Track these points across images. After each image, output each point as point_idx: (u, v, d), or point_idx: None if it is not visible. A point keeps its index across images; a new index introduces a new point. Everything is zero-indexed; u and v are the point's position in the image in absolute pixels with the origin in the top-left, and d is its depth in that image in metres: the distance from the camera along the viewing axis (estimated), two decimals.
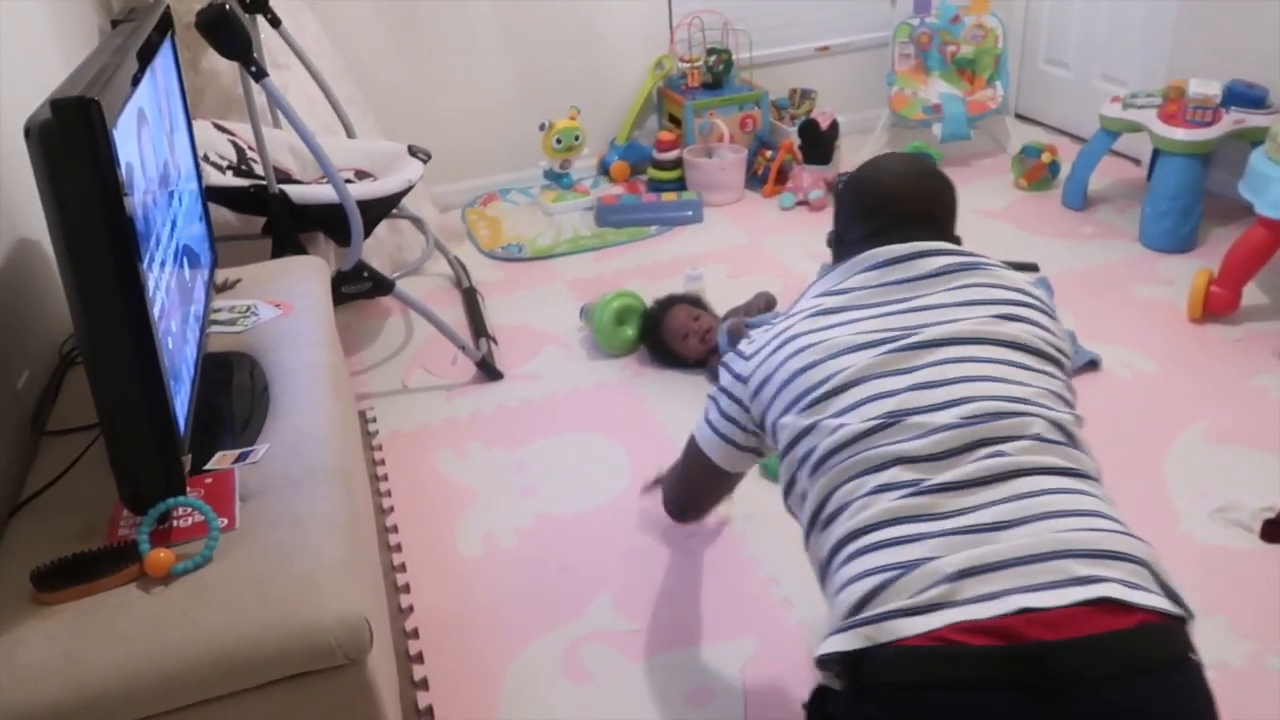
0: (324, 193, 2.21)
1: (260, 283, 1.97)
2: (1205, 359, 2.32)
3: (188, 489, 1.25)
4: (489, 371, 2.43)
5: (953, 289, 1.28)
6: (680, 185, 3.48)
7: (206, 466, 1.38)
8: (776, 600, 1.71)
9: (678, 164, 3.48)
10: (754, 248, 3.08)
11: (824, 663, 1.06)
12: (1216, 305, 2.44)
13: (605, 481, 2.04)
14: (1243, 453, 2.00)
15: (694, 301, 2.52)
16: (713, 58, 3.59)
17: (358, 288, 2.24)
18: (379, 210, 2.36)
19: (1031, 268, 2.78)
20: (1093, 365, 2.31)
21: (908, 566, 1.04)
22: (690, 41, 3.64)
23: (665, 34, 3.66)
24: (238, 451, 1.43)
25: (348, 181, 2.49)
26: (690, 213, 3.28)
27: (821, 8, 3.80)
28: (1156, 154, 2.96)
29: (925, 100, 3.57)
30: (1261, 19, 2.89)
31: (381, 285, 2.27)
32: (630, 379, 2.42)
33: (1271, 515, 1.80)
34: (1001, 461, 1.12)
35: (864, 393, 1.20)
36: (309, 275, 2.02)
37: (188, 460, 1.29)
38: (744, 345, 1.38)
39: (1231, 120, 2.77)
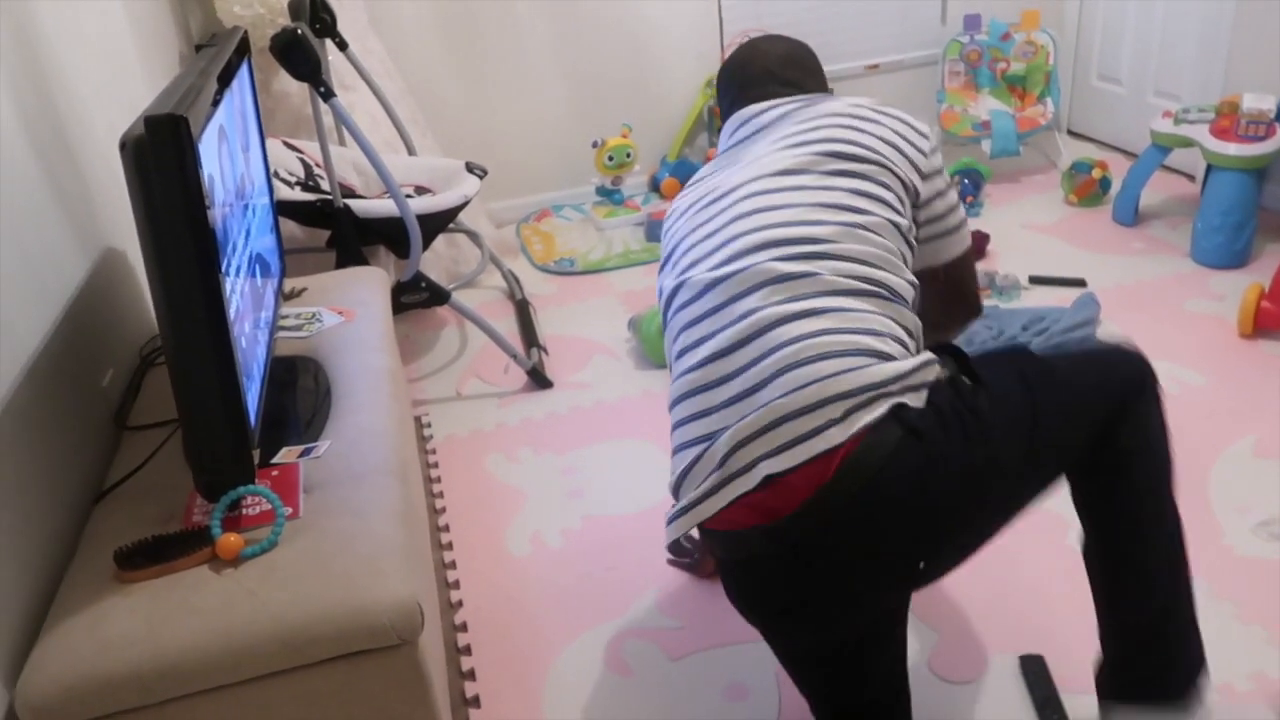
0: (385, 207, 2.32)
1: (325, 292, 2.08)
2: (1255, 374, 2.31)
3: (257, 480, 1.34)
4: (540, 380, 2.51)
5: (782, 135, 1.33)
6: None
7: (274, 460, 1.47)
8: None
9: None
10: None
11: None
12: (1268, 320, 2.43)
13: (650, 486, 2.10)
14: None
15: None
16: None
17: (416, 298, 2.34)
18: (437, 224, 2.47)
19: (1079, 283, 2.80)
20: None
21: (700, 442, 1.17)
22: None
23: (716, 52, 3.73)
24: (302, 447, 1.52)
25: (408, 197, 2.60)
26: None
27: (871, 25, 3.84)
28: (1209, 169, 2.94)
29: (975, 117, 3.59)
30: None
31: (438, 296, 2.37)
32: None
33: None
34: (753, 319, 1.17)
35: (676, 256, 1.31)
36: (370, 285, 2.12)
37: (257, 454, 1.38)
38: None
39: None
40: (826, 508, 1.08)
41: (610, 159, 3.42)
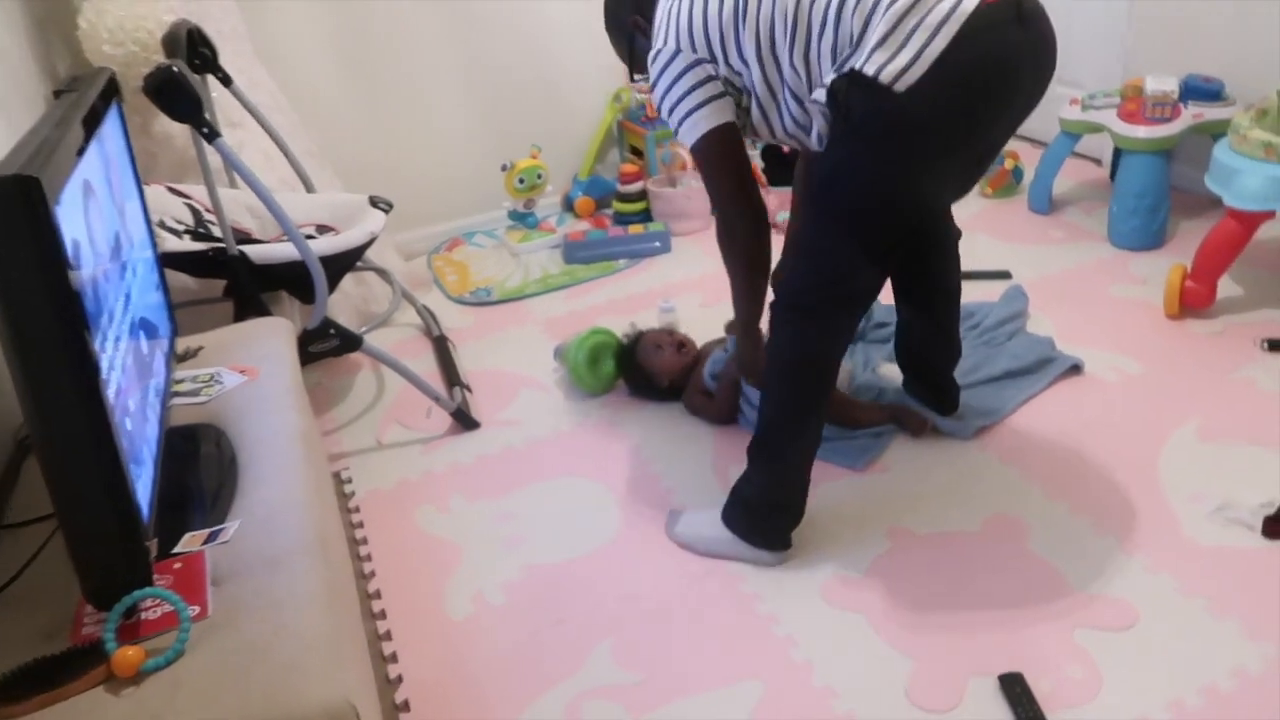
0: (285, 251, 2.15)
1: (223, 349, 1.91)
2: (1188, 356, 2.31)
3: (155, 577, 1.18)
4: (466, 421, 2.37)
5: None
6: (646, 216, 3.45)
7: (175, 550, 1.31)
8: (779, 639, 1.66)
9: (642, 195, 3.46)
10: (724, 276, 3.03)
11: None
12: (1193, 300, 2.44)
13: (593, 526, 1.99)
14: (1235, 449, 1.98)
15: (669, 333, 2.48)
16: None
17: (325, 346, 2.18)
18: (343, 264, 2.31)
19: (1004, 275, 2.78)
20: (1076, 370, 2.29)
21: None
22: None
23: (621, 66, 3.63)
24: (207, 531, 1.36)
25: (309, 237, 2.44)
26: (658, 244, 3.25)
27: None
28: (1119, 153, 2.97)
29: None
30: (1213, 13, 2.92)
31: (349, 341, 2.21)
32: (611, 417, 2.37)
33: (1271, 511, 1.77)
34: None
35: None
36: (273, 337, 1.96)
37: (153, 546, 1.23)
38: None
39: (1190, 115, 2.79)
40: (1021, 3, 1.55)
41: (521, 181, 3.30)
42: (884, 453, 2.09)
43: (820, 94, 1.61)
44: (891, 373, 2.31)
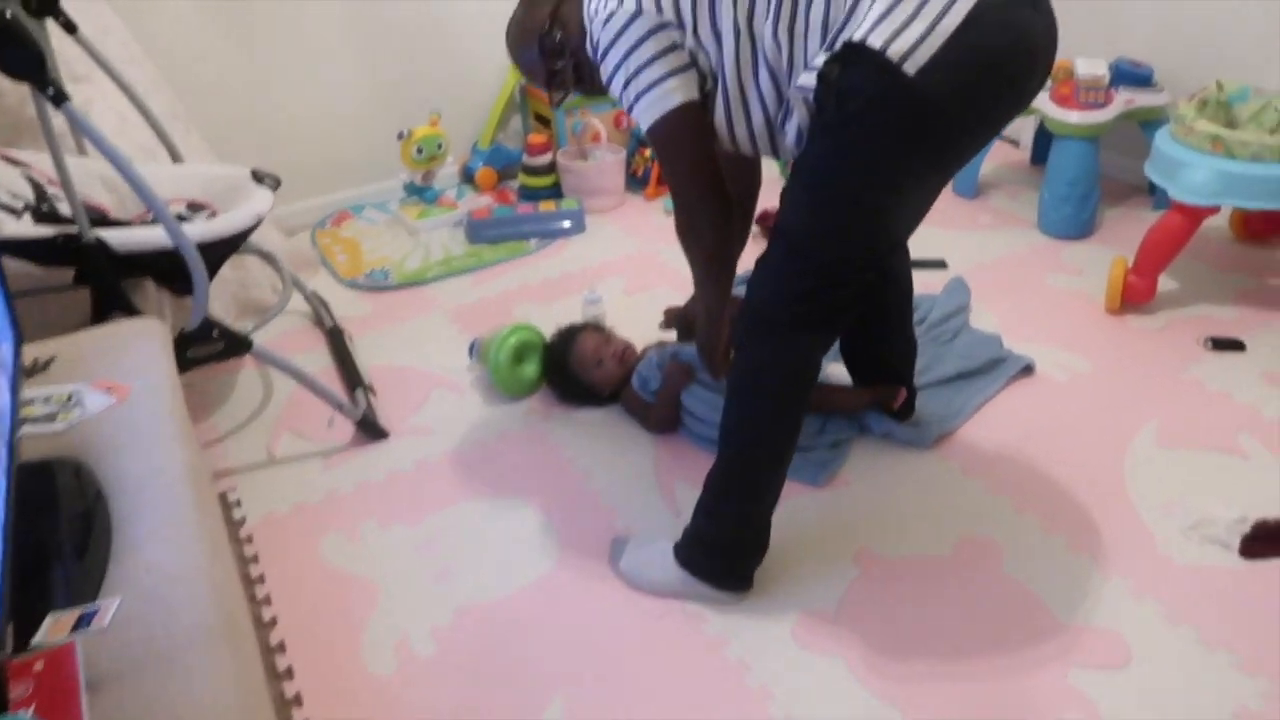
0: (153, 236, 1.81)
1: (82, 360, 1.57)
2: (1134, 354, 2.25)
3: (10, 687, 0.90)
4: (372, 430, 2.09)
5: None
6: (556, 192, 3.19)
7: (35, 641, 1.02)
8: (753, 692, 1.48)
9: (551, 168, 3.19)
10: (646, 257, 2.83)
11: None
12: (1134, 295, 2.38)
13: (529, 556, 1.76)
14: (1197, 455, 1.92)
15: (597, 329, 2.26)
16: None
17: (208, 350, 1.85)
18: (223, 252, 1.98)
19: (939, 264, 2.67)
20: (1028, 370, 2.19)
21: None
22: None
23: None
24: (77, 612, 1.07)
25: (179, 218, 2.09)
26: (570, 223, 3.01)
27: None
28: (1048, 137, 2.90)
29: None
30: None
31: (237, 344, 1.89)
32: (538, 424, 2.13)
33: (1245, 529, 1.70)
34: None
35: None
36: (144, 343, 1.63)
37: (8, 637, 0.95)
38: None
39: (1123, 100, 2.73)
40: None
41: (419, 151, 2.98)
42: (844, 465, 1.94)
43: (809, 78, 1.38)
44: (839, 374, 2.15)
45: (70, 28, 2.07)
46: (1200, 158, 2.23)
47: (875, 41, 1.28)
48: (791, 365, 1.51)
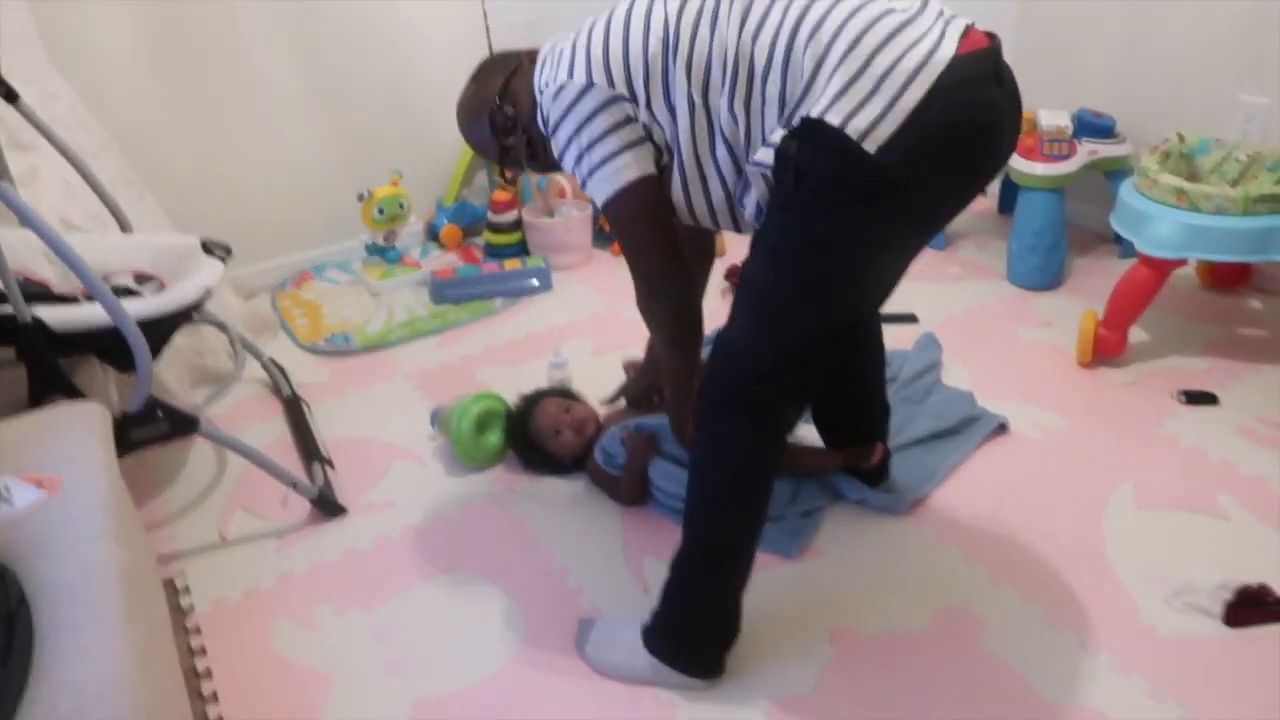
0: (93, 314, 1.74)
1: (13, 449, 1.49)
2: (1108, 409, 2.21)
3: None
4: (329, 507, 2.01)
5: None
6: (522, 249, 3.15)
7: None
8: None
9: (516, 226, 3.15)
10: (614, 315, 2.79)
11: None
12: (1105, 348, 2.35)
13: (492, 639, 1.68)
14: (1175, 517, 1.87)
15: (563, 394, 2.20)
16: None
17: (151, 432, 1.78)
18: (169, 327, 1.91)
19: (910, 319, 2.64)
20: (1002, 429, 2.15)
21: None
22: None
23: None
24: None
25: (126, 290, 2.02)
26: (537, 281, 2.96)
27: None
28: (1014, 187, 2.89)
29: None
30: (1099, 46, 2.88)
31: (182, 424, 1.81)
32: (501, 495, 2.06)
33: (1229, 595, 1.66)
34: None
35: None
36: (81, 429, 1.55)
37: None
38: None
39: (1086, 151, 2.73)
40: (999, 58, 1.35)
41: (380, 212, 2.93)
42: (817, 534, 1.88)
43: (766, 154, 1.33)
44: (810, 436, 2.10)
45: (10, 96, 2.02)
46: (1165, 211, 2.22)
47: (833, 119, 1.24)
48: (754, 445, 1.45)
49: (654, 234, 1.50)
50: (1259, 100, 2.53)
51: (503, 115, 1.58)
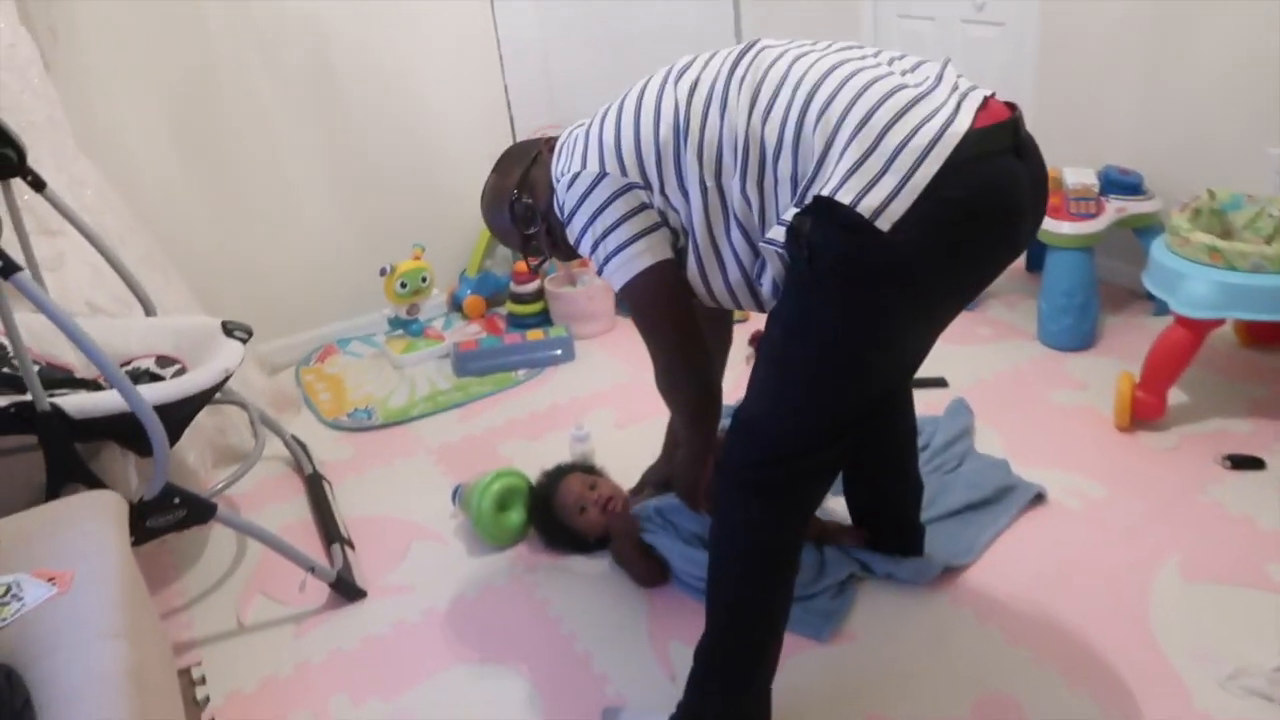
0: (112, 400, 1.73)
1: (27, 542, 1.48)
2: (1149, 476, 2.13)
3: None
4: (348, 590, 1.97)
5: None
6: (544, 319, 3.14)
7: None
8: None
9: (539, 295, 3.15)
10: (638, 386, 2.75)
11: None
12: (1144, 412, 2.28)
13: None
14: (1225, 591, 1.79)
15: (586, 469, 2.16)
16: None
17: (168, 519, 1.75)
18: (188, 410, 1.90)
19: (940, 383, 2.59)
20: (1039, 499, 2.08)
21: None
22: None
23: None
24: None
25: (147, 374, 2.02)
26: (560, 351, 2.94)
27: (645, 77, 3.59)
28: (1041, 247, 2.84)
29: None
30: (1121, 101, 2.85)
31: (200, 511, 1.79)
32: (524, 575, 2.02)
33: None
34: None
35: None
36: (95, 520, 1.53)
37: None
38: None
39: (1114, 209, 2.69)
40: (1019, 129, 1.32)
41: (403, 286, 2.94)
42: (849, 615, 1.81)
43: (779, 232, 1.31)
44: (836, 506, 2.04)
45: (38, 185, 2.04)
46: (1199, 269, 2.17)
47: (844, 197, 1.21)
48: (776, 530, 1.41)
49: (672, 318, 1.49)
50: None
51: (522, 205, 1.59)
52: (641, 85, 1.48)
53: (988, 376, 2.62)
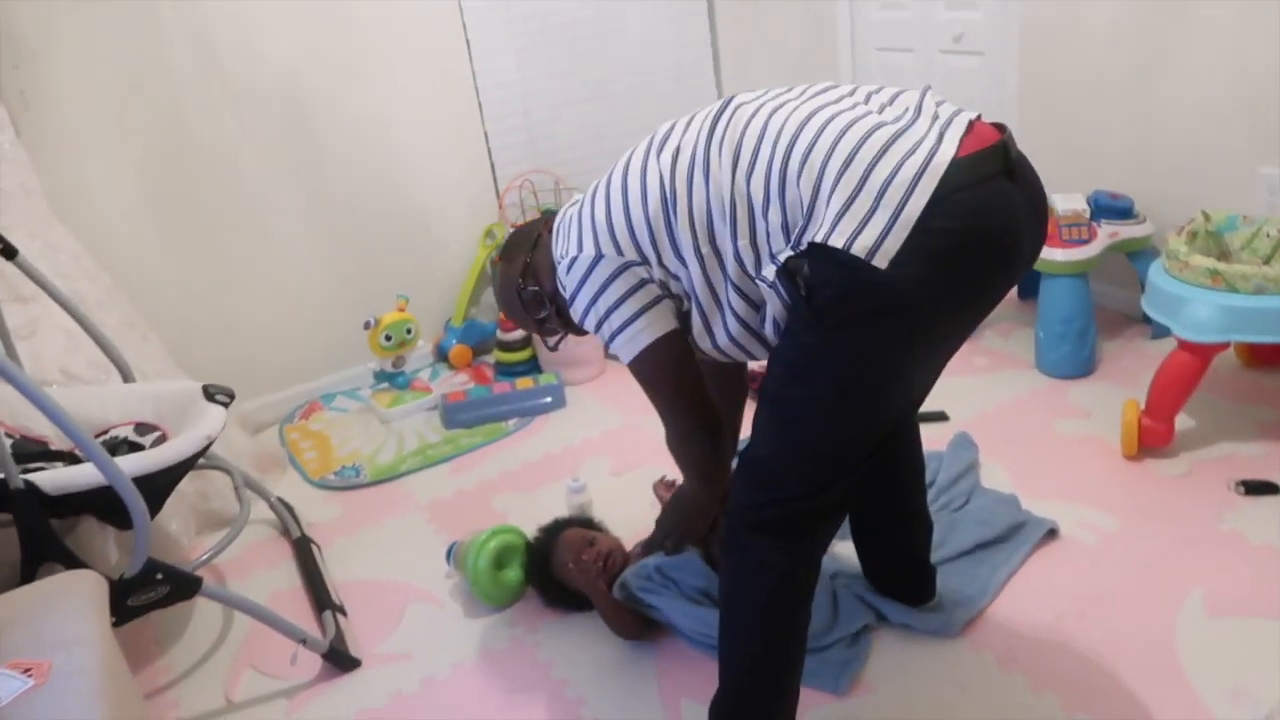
0: (88, 474, 1.66)
1: (1, 629, 1.39)
2: (1163, 506, 2.08)
3: None
4: (342, 660, 1.88)
5: None
6: (534, 367, 3.08)
7: None
8: None
9: (527, 343, 3.09)
10: (631, 431, 2.69)
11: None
12: (1151, 439, 2.23)
13: None
14: (1253, 625, 1.73)
15: (585, 522, 2.09)
16: None
17: (150, 596, 1.67)
18: (170, 480, 1.82)
19: (940, 417, 2.54)
20: (1052, 534, 2.02)
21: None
22: (522, 205, 3.31)
23: (492, 200, 3.31)
24: None
25: (126, 443, 1.94)
26: (550, 399, 2.88)
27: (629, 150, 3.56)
28: (1034, 274, 2.81)
29: None
30: (1107, 125, 2.84)
31: (184, 585, 1.71)
32: (525, 637, 1.94)
33: None
34: None
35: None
36: (73, 604, 1.45)
37: None
38: None
39: (1107, 234, 2.66)
40: (1009, 151, 1.30)
41: (388, 339, 2.88)
42: (865, 666, 1.74)
43: (770, 270, 1.30)
44: (844, 551, 1.97)
45: (9, 253, 1.98)
46: (1201, 293, 2.13)
47: (837, 241, 1.20)
48: (786, 570, 1.39)
49: (679, 386, 1.51)
50: (1278, 172, 2.46)
51: (529, 293, 1.63)
52: (626, 160, 1.50)
53: (989, 408, 2.57)
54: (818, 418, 1.33)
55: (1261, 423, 2.33)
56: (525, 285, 1.63)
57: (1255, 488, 2.07)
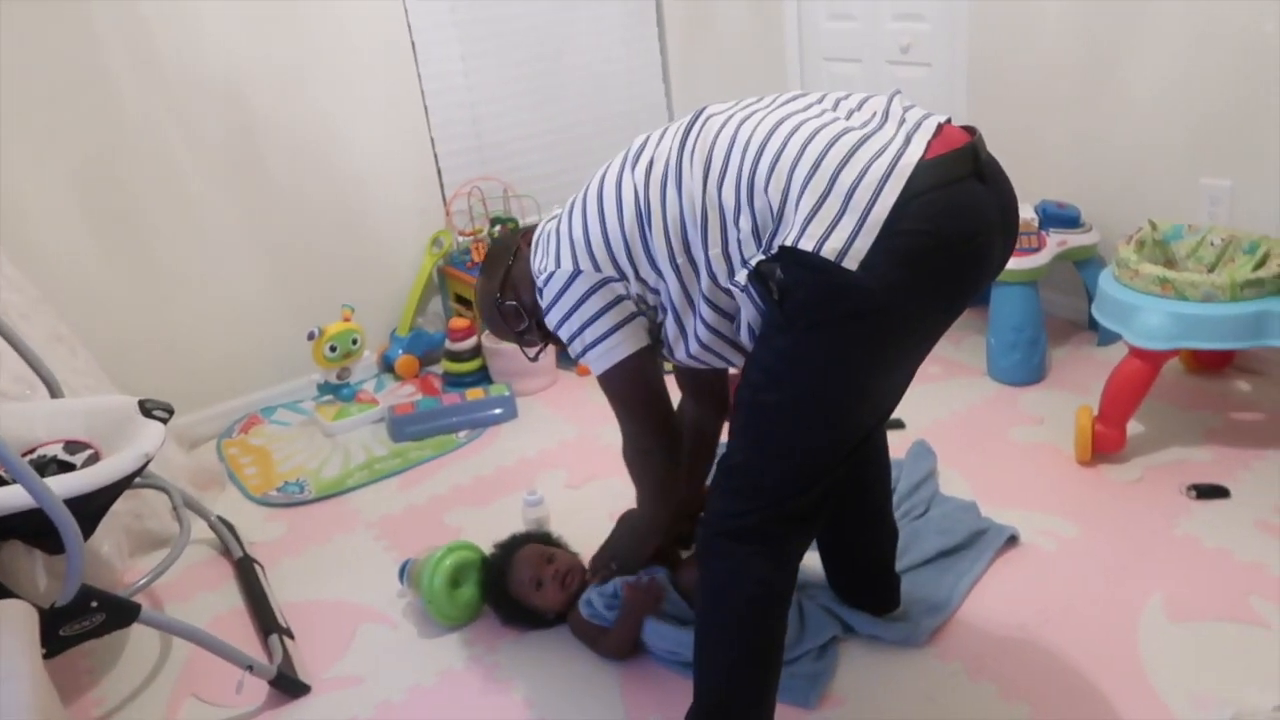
0: (14, 495, 1.55)
1: None
2: (1119, 511, 2.10)
3: None
4: (290, 687, 1.80)
5: None
6: (483, 377, 3.01)
7: None
8: None
9: (476, 353, 3.02)
10: (586, 442, 2.64)
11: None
12: (1105, 445, 2.26)
13: None
14: (1213, 628, 1.74)
15: (543, 538, 2.03)
16: (497, 228, 3.20)
17: (84, 625, 1.57)
18: (104, 500, 1.72)
19: (898, 425, 2.54)
20: (1013, 540, 2.03)
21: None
22: (471, 213, 3.24)
23: (439, 207, 3.24)
24: None
25: (54, 462, 1.83)
26: (501, 410, 2.81)
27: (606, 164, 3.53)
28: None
29: None
30: (1054, 136, 2.88)
31: (120, 614, 1.61)
32: (483, 657, 1.87)
33: None
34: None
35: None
36: (1, 635, 1.36)
37: None
38: None
39: (1055, 243, 2.70)
40: (978, 154, 1.29)
41: (333, 349, 2.78)
42: (834, 677, 1.71)
43: (742, 275, 1.30)
44: (809, 563, 1.94)
45: None
46: (1151, 301, 2.17)
47: (807, 244, 1.21)
48: (762, 577, 1.38)
49: (644, 400, 1.55)
50: (1222, 183, 2.52)
51: (509, 306, 1.63)
52: (602, 173, 1.50)
53: (943, 416, 2.58)
54: (794, 421, 1.33)
55: (1209, 428, 2.37)
56: (504, 299, 1.63)
57: (1206, 492, 2.11)
